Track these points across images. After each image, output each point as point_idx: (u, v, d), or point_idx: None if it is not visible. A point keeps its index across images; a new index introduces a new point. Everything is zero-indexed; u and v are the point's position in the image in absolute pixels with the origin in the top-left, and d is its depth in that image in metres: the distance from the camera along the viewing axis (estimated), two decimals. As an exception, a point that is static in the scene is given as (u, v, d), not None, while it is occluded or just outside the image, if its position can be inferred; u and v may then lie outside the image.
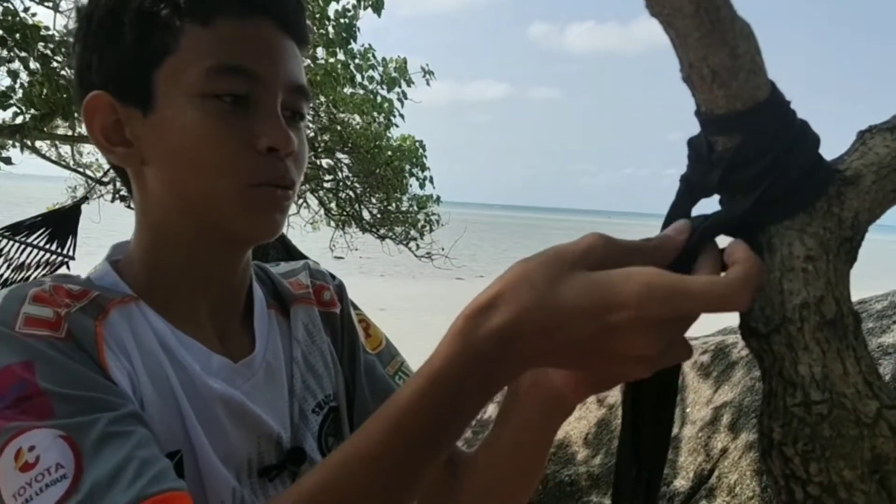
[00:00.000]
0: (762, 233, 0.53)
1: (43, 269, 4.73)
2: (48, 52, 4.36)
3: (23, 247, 4.68)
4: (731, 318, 0.51)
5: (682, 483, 3.11)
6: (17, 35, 4.17)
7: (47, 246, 4.77)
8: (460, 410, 0.51)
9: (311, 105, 7.01)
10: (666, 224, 0.55)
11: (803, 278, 0.50)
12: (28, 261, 4.72)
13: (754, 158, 0.52)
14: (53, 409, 0.58)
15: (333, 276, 0.93)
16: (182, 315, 0.74)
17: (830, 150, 0.54)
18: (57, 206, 5.90)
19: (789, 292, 0.51)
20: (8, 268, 4.69)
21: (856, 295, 0.55)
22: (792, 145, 0.52)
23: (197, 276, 0.75)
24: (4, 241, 4.66)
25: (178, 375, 0.69)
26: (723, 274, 0.48)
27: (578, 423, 3.72)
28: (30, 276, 4.60)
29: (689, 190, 0.55)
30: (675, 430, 3.33)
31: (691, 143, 0.55)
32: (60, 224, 4.87)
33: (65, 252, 4.79)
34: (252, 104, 0.70)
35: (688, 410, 3.40)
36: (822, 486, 0.49)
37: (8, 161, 4.79)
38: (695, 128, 0.56)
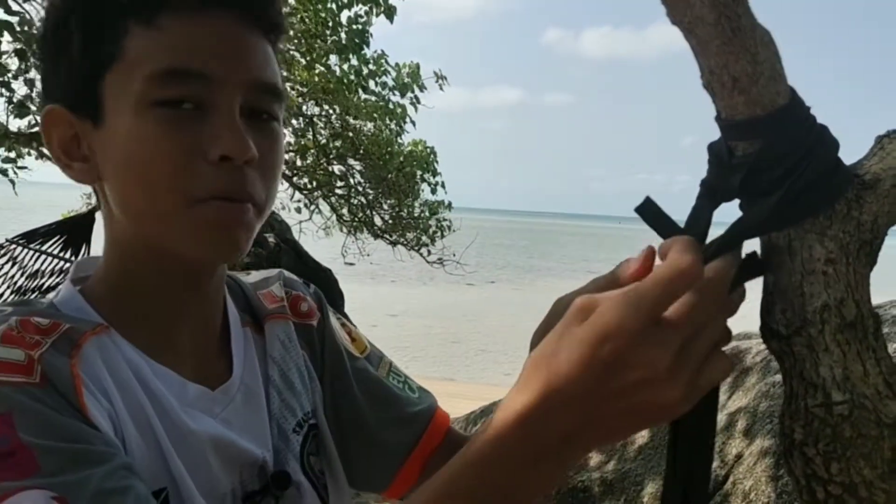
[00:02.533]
0: (782, 237, 0.53)
1: (57, 277, 4.76)
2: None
3: (37, 254, 4.72)
4: (745, 324, 0.52)
5: (696, 489, 3.10)
6: (35, 46, 4.22)
7: (61, 254, 4.80)
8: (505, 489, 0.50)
9: (324, 112, 6.97)
10: (686, 228, 0.56)
11: (824, 281, 0.51)
12: (42, 268, 4.76)
13: (774, 163, 0.52)
14: (39, 465, 0.53)
15: (309, 285, 0.89)
16: (154, 342, 0.68)
17: (849, 154, 0.55)
18: (71, 213, 5.95)
19: (810, 295, 0.51)
20: (22, 275, 4.73)
21: (874, 300, 0.56)
22: (811, 150, 0.53)
23: (166, 300, 0.70)
24: (19, 248, 4.70)
25: (156, 411, 0.65)
26: None
27: (591, 429, 3.71)
28: (44, 283, 4.64)
29: (710, 194, 0.56)
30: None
31: (712, 147, 0.56)
32: (74, 231, 4.90)
33: (79, 259, 4.83)
34: (206, 109, 0.64)
35: (701, 416, 3.38)
36: (843, 485, 0.50)
37: (12, 182, 4.86)
38: (709, 133, 0.57)
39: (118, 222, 0.68)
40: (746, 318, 0.51)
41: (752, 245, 0.54)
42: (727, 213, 0.58)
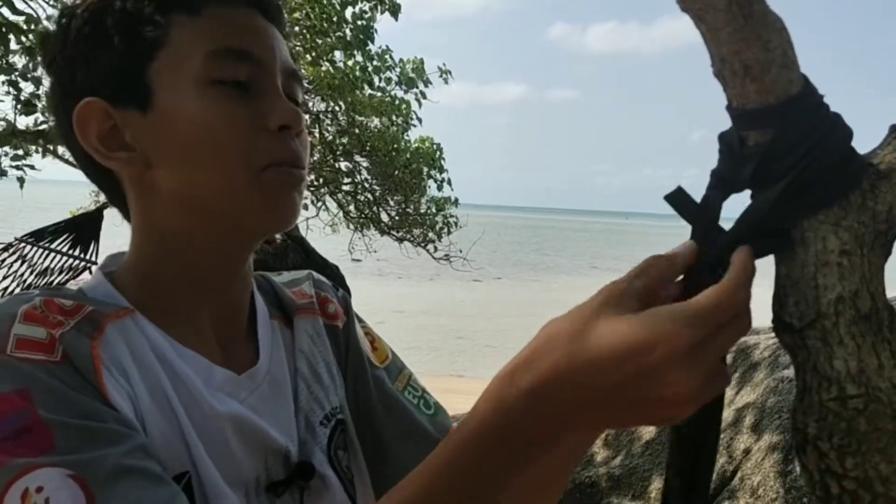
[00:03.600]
0: (796, 227, 0.52)
1: (66, 275, 4.78)
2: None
3: (46, 252, 4.73)
4: (753, 319, 0.51)
5: (704, 485, 3.09)
6: (52, 45, 4.23)
7: (70, 251, 4.81)
8: (497, 473, 0.51)
9: (330, 109, 6.98)
10: (697, 217, 0.55)
11: (838, 272, 0.50)
12: (51, 266, 4.78)
13: (787, 152, 0.51)
14: (55, 441, 0.54)
15: (337, 288, 0.91)
16: (182, 326, 0.70)
17: (863, 143, 0.54)
18: (80, 210, 5.97)
19: (824, 287, 0.50)
20: (32, 273, 4.74)
21: (889, 292, 0.55)
22: (824, 139, 0.52)
23: (198, 284, 0.72)
24: (28, 246, 4.71)
25: (178, 393, 0.66)
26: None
27: (599, 425, 3.71)
28: (53, 280, 4.66)
29: (721, 185, 0.55)
30: (696, 432, 3.30)
31: (723, 137, 0.55)
32: (83, 229, 4.91)
33: (87, 257, 4.84)
34: (254, 88, 0.69)
35: (709, 412, 3.37)
36: (857, 480, 0.49)
37: (21, 181, 4.88)
38: (718, 127, 0.56)
39: (162, 209, 0.70)
40: (754, 313, 0.50)
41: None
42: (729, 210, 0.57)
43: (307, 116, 6.87)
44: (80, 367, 0.59)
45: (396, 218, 7.65)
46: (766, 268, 0.56)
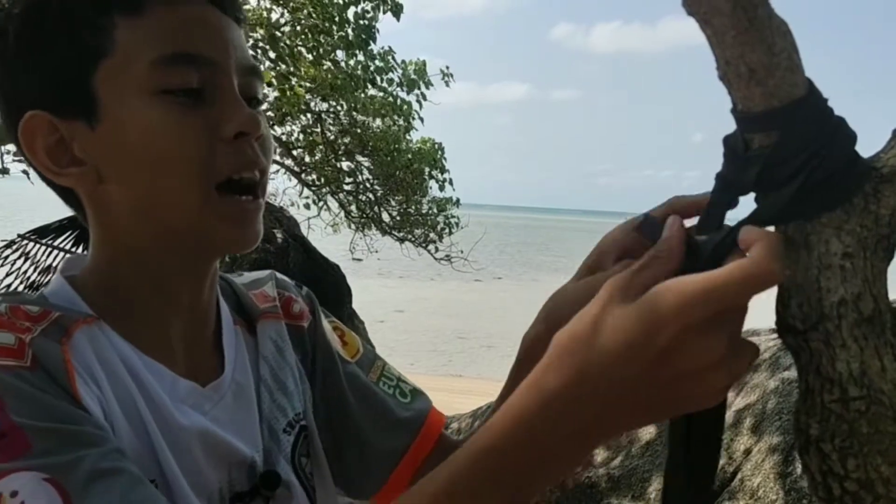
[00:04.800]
0: (799, 230, 0.53)
1: (73, 255, 4.79)
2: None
3: (49, 249, 4.74)
4: (752, 320, 0.51)
5: (704, 486, 3.09)
6: None
7: (73, 249, 4.83)
8: (519, 484, 0.49)
9: (332, 108, 6.98)
10: (701, 221, 0.56)
11: (841, 275, 0.51)
12: (55, 263, 4.79)
13: (791, 156, 0.52)
14: (31, 445, 0.52)
15: (301, 287, 0.89)
16: (146, 336, 0.68)
17: (866, 147, 0.54)
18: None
19: (827, 289, 0.51)
20: (35, 270, 4.76)
21: (891, 295, 0.55)
22: (828, 142, 0.52)
23: (163, 294, 0.69)
24: (31, 243, 4.72)
25: (147, 403, 0.64)
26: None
27: (599, 426, 3.71)
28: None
29: (726, 187, 0.56)
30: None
31: (727, 140, 0.56)
32: (85, 226, 4.93)
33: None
34: (208, 92, 0.64)
35: (710, 413, 3.38)
36: (859, 481, 0.49)
37: (27, 173, 4.90)
38: (719, 129, 0.56)
39: (118, 222, 0.67)
40: (753, 314, 0.50)
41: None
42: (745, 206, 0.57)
43: (308, 116, 6.89)
44: (51, 372, 0.58)
45: (398, 218, 7.66)
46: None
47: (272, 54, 5.93)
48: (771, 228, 0.53)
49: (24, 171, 5.07)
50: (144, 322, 0.69)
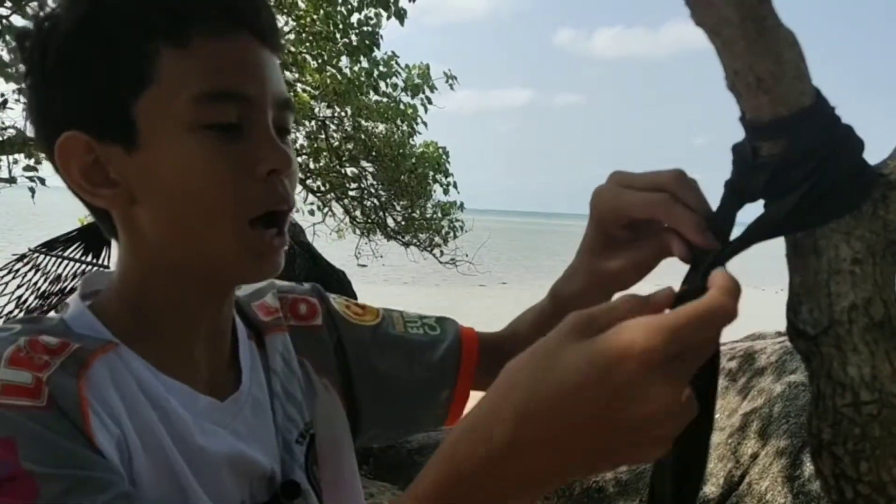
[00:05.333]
0: (809, 236, 0.53)
1: (79, 280, 4.80)
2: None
3: (59, 260, 4.76)
4: (758, 325, 0.51)
5: (711, 490, 3.09)
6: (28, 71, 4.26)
7: (82, 258, 4.84)
8: None
9: (336, 114, 6.99)
10: (711, 226, 0.57)
11: (850, 281, 0.51)
12: (64, 273, 4.81)
13: (799, 164, 0.53)
14: (39, 491, 0.53)
15: (301, 283, 0.91)
16: (168, 355, 0.69)
17: (874, 154, 0.54)
18: (87, 216, 6.00)
19: (837, 295, 0.52)
20: (45, 281, 4.77)
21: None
22: (836, 150, 0.53)
23: (186, 316, 0.71)
24: (41, 256, 4.74)
25: (167, 429, 0.65)
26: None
27: (606, 430, 3.71)
28: (66, 287, 4.69)
29: (735, 195, 0.56)
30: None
31: (736, 148, 0.57)
32: (94, 236, 4.94)
33: (100, 262, 4.87)
34: (244, 128, 0.65)
35: (716, 417, 3.38)
36: (872, 484, 0.50)
37: (32, 191, 4.94)
38: (721, 133, 0.57)
39: (147, 244, 0.68)
40: (760, 319, 0.50)
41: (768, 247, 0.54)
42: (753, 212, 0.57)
43: (313, 122, 6.91)
44: (66, 411, 0.58)
45: (402, 223, 7.67)
46: (769, 273, 0.57)
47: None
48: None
49: (31, 189, 5.11)
50: (167, 342, 0.70)
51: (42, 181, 4.91)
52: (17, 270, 4.86)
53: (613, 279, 0.71)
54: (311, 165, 7.23)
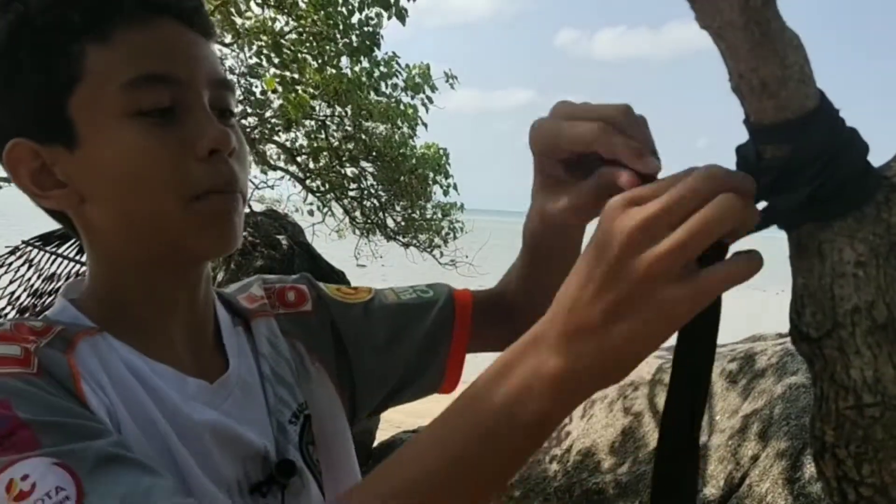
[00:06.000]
0: (812, 239, 0.54)
1: (74, 279, 4.80)
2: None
3: (53, 257, 4.76)
4: (758, 326, 0.52)
5: (712, 491, 3.09)
6: None
7: (77, 257, 4.84)
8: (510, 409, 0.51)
9: (336, 114, 7.02)
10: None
11: (854, 283, 0.51)
12: (58, 271, 4.81)
13: (804, 166, 0.53)
14: (39, 440, 0.54)
15: (289, 275, 0.93)
16: (150, 342, 0.70)
17: (878, 157, 0.54)
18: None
19: (840, 297, 0.52)
20: (39, 278, 4.77)
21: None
22: (840, 153, 0.53)
23: (160, 301, 0.72)
24: (35, 250, 4.74)
25: (156, 404, 0.66)
26: None
27: (605, 431, 3.71)
28: (60, 286, 4.69)
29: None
30: (703, 439, 3.31)
31: (740, 151, 0.57)
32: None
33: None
34: (179, 111, 0.66)
35: (716, 419, 3.38)
36: (874, 487, 0.50)
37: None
38: (724, 134, 0.57)
39: (109, 239, 0.70)
40: (761, 321, 0.51)
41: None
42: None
43: (313, 122, 6.91)
44: (57, 377, 0.60)
45: (402, 223, 7.66)
46: (770, 274, 0.57)
47: (276, 60, 5.95)
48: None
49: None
50: (146, 330, 0.71)
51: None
52: (10, 264, 4.88)
53: (559, 219, 0.69)
54: (311, 165, 7.23)
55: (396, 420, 6.10)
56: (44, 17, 0.65)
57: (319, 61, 6.45)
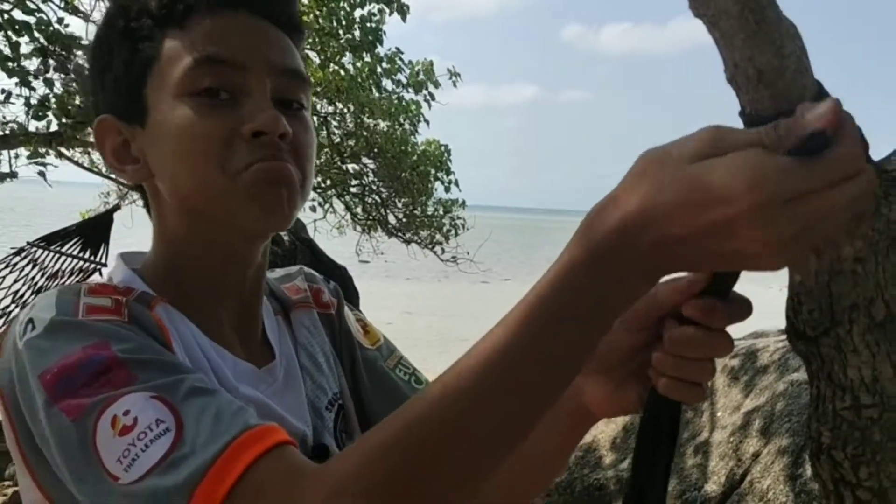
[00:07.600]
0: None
1: (77, 277, 4.81)
2: (83, 61, 4.44)
3: (56, 255, 4.76)
4: (760, 323, 0.50)
5: (713, 488, 3.08)
6: (58, 46, 4.28)
7: (80, 254, 4.84)
8: (581, 323, 0.49)
9: (338, 111, 7.01)
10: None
11: (852, 280, 0.50)
12: (62, 269, 4.81)
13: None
14: (136, 375, 0.59)
15: (328, 281, 0.96)
16: (206, 323, 0.74)
17: (878, 150, 0.54)
18: (89, 211, 5.99)
19: (837, 295, 0.50)
20: (43, 276, 4.78)
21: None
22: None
23: (212, 283, 0.76)
24: (39, 250, 4.75)
25: (215, 374, 0.71)
26: None
27: (606, 428, 3.70)
28: (63, 283, 4.69)
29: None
30: (705, 436, 3.30)
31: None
32: (93, 232, 4.94)
33: (97, 259, 4.87)
34: (239, 95, 0.70)
35: (718, 415, 3.37)
36: (872, 490, 0.48)
37: (43, 175, 4.94)
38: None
39: (169, 214, 0.75)
40: (762, 317, 0.49)
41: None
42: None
43: (314, 118, 6.90)
44: (146, 328, 0.65)
45: (404, 220, 7.65)
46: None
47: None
48: None
49: (41, 174, 5.10)
50: (201, 308, 0.75)
51: (43, 175, 4.90)
52: (16, 265, 4.89)
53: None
54: (313, 161, 7.21)
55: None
56: (135, 6, 0.73)
57: (322, 58, 6.44)
